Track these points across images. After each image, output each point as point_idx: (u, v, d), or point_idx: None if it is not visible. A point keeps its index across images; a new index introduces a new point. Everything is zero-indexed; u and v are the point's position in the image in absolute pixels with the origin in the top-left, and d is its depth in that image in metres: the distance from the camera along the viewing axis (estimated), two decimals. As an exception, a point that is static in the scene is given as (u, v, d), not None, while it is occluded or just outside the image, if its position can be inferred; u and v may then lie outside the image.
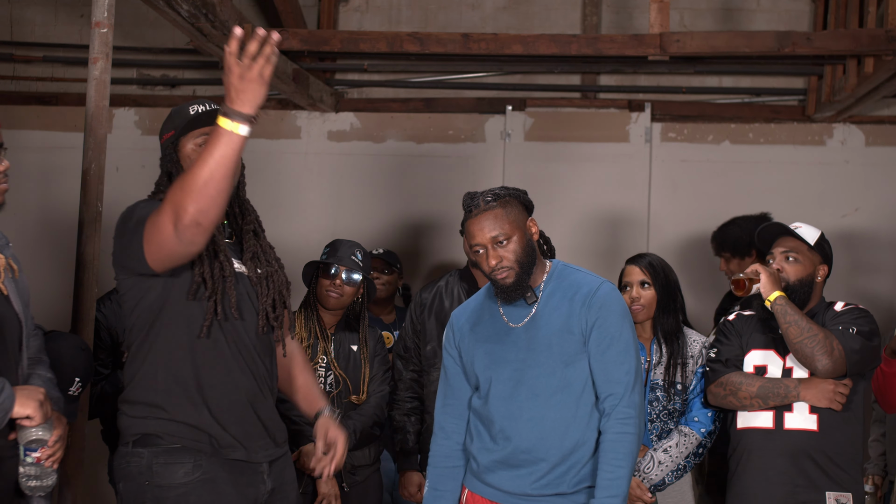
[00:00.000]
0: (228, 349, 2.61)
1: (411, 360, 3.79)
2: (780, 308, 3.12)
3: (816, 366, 3.06)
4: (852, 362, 3.07)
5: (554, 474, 2.68)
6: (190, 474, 2.53)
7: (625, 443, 2.64)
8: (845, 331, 3.09)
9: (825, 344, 3.04)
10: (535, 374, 2.70)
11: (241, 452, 2.60)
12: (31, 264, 5.71)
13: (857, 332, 3.09)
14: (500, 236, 2.70)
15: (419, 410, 3.77)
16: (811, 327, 3.07)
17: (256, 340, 2.68)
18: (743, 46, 4.60)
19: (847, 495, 3.10)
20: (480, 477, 2.77)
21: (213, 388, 2.58)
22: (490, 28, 5.81)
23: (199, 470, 2.53)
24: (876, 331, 3.17)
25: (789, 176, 5.64)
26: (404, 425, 3.76)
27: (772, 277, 3.17)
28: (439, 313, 3.72)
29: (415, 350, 3.78)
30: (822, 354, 3.04)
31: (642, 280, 3.48)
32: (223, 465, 2.56)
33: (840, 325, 3.12)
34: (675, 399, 3.37)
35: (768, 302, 3.14)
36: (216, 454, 2.56)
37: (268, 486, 2.66)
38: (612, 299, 2.73)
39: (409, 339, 3.80)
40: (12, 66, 6.05)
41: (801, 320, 3.08)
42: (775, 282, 3.16)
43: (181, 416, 2.56)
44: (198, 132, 2.72)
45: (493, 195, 2.74)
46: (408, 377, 3.78)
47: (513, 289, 2.72)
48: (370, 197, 5.82)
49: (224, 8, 4.25)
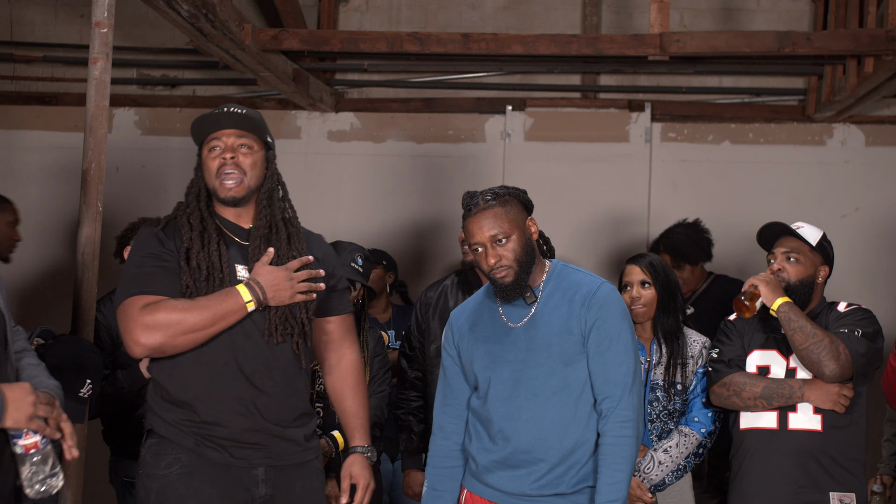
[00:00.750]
0: (219, 358, 2.64)
1: (416, 360, 3.79)
2: (784, 315, 3.11)
3: (824, 371, 3.05)
4: (859, 365, 3.07)
5: (553, 474, 2.67)
6: (170, 466, 2.62)
7: (623, 446, 2.64)
8: (850, 334, 3.08)
9: (831, 349, 3.03)
10: (535, 374, 2.70)
11: (221, 455, 2.63)
12: (31, 264, 5.74)
13: (861, 335, 3.08)
14: (499, 235, 2.69)
15: (424, 409, 3.76)
16: (816, 332, 3.06)
17: (259, 349, 2.67)
18: (743, 46, 4.60)
19: (850, 496, 3.10)
20: (479, 477, 2.77)
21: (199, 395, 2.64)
22: (490, 28, 5.81)
23: (178, 463, 2.62)
24: (879, 332, 3.16)
25: (789, 176, 5.64)
26: (409, 424, 3.75)
27: (770, 285, 3.15)
28: (443, 312, 3.71)
29: (420, 349, 3.78)
30: (829, 360, 3.03)
31: (643, 280, 3.48)
32: (206, 463, 2.62)
33: (844, 327, 3.11)
34: (675, 399, 3.37)
35: (773, 310, 3.13)
36: (197, 452, 2.63)
37: (262, 491, 2.67)
38: (612, 300, 2.73)
39: (414, 339, 3.80)
40: (12, 66, 6.05)
41: (806, 325, 3.07)
42: (775, 288, 3.15)
43: (169, 416, 2.65)
44: (210, 139, 2.74)
45: (493, 194, 2.74)
46: (412, 376, 3.78)
47: (511, 288, 2.72)
48: (370, 197, 5.82)
49: (224, 8, 4.25)
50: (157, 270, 2.62)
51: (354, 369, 2.97)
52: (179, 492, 2.61)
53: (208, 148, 2.73)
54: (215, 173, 2.71)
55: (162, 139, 5.86)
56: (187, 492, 2.61)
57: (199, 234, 2.68)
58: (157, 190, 5.67)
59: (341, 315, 2.96)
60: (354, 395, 2.95)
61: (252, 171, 2.74)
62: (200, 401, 2.63)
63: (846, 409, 3.11)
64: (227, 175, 2.70)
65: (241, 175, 2.71)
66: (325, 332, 2.94)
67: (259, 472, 2.67)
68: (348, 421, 2.94)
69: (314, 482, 2.80)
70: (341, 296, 2.96)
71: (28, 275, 5.73)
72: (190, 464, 2.62)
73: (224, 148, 2.72)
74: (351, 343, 2.99)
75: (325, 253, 2.92)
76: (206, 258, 2.65)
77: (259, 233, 2.75)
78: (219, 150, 2.72)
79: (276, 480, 2.69)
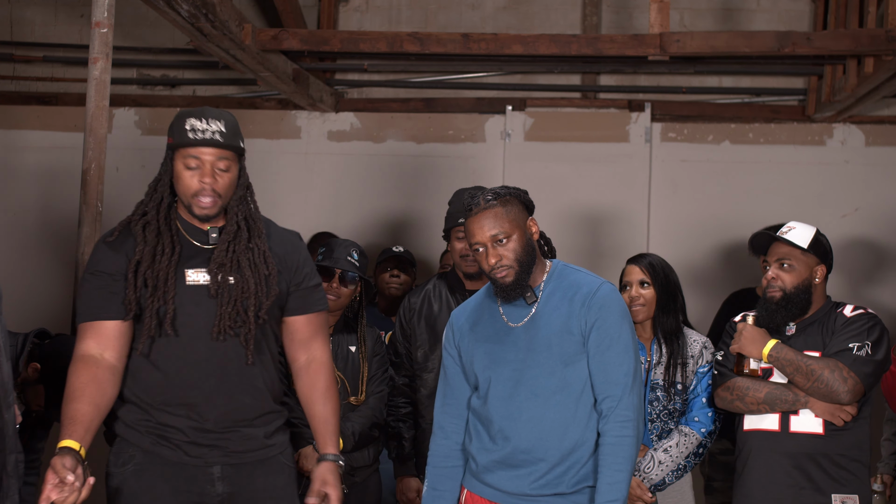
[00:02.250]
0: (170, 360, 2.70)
1: (403, 366, 3.78)
2: (776, 362, 3.11)
3: (840, 399, 3.05)
4: (868, 385, 3.08)
5: (553, 474, 2.67)
6: (125, 464, 2.72)
7: (624, 446, 2.63)
8: (857, 356, 3.05)
9: (836, 377, 3.03)
10: (535, 374, 2.70)
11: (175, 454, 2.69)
12: (31, 264, 5.74)
13: (867, 353, 3.06)
14: (499, 235, 2.69)
15: (413, 416, 3.76)
16: (813, 368, 3.05)
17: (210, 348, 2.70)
18: (743, 46, 4.60)
19: (853, 497, 3.09)
20: (479, 477, 2.77)
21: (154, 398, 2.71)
22: (490, 28, 5.82)
23: (133, 461, 2.70)
24: (886, 336, 3.12)
25: (789, 176, 5.64)
26: (399, 431, 3.75)
27: (747, 341, 3.15)
28: (428, 317, 3.71)
29: (406, 355, 3.77)
30: (839, 389, 3.03)
31: (642, 280, 3.48)
32: (160, 461, 2.70)
33: (851, 342, 3.08)
34: (675, 399, 3.37)
35: (766, 362, 3.13)
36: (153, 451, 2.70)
37: (219, 489, 2.71)
38: (612, 300, 2.72)
39: (399, 345, 3.79)
40: (12, 66, 6.05)
41: (801, 364, 3.07)
42: (754, 340, 3.15)
43: (128, 417, 2.74)
44: (187, 152, 2.73)
45: (494, 194, 2.73)
46: (400, 382, 3.76)
47: (512, 288, 2.72)
48: (370, 197, 5.82)
49: (224, 8, 4.25)
50: (97, 293, 2.69)
51: (323, 372, 2.90)
52: (132, 488, 2.68)
53: (184, 162, 2.72)
54: (192, 193, 2.72)
55: (162, 139, 5.71)
56: (139, 487, 2.68)
57: (150, 249, 2.70)
58: (157, 190, 5.67)
59: (307, 314, 2.89)
60: (325, 399, 2.88)
61: (227, 191, 2.75)
62: (155, 404, 2.70)
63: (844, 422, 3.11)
64: (204, 195, 2.71)
65: (216, 198, 2.72)
66: (291, 331, 2.90)
67: (215, 470, 2.71)
68: (318, 427, 2.88)
69: (279, 478, 2.80)
70: (308, 294, 2.90)
71: (28, 275, 5.73)
72: (144, 461, 2.69)
73: (204, 171, 2.70)
74: (321, 344, 2.93)
75: (287, 249, 2.88)
76: (152, 275, 2.68)
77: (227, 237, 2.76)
78: (198, 170, 2.71)
79: (234, 478, 2.72)
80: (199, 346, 2.70)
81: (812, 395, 3.07)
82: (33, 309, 5.55)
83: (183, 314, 2.69)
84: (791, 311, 3.17)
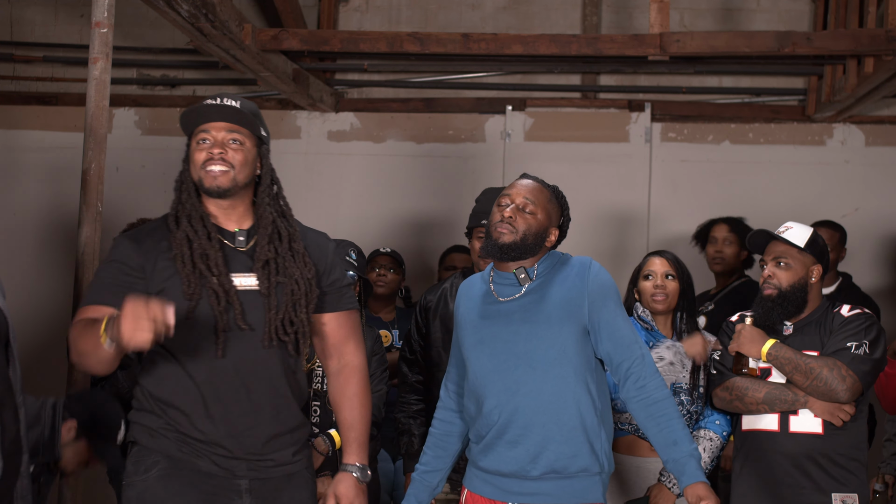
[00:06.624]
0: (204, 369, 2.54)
1: (417, 363, 3.78)
2: (775, 361, 3.12)
3: (839, 398, 3.05)
4: (867, 383, 3.09)
5: (551, 452, 2.67)
6: (149, 470, 2.54)
7: (670, 399, 2.71)
8: (855, 354, 3.06)
9: (834, 375, 3.03)
10: (530, 347, 2.71)
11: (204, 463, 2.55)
12: (31, 264, 5.74)
13: (865, 352, 3.07)
14: (528, 204, 2.78)
15: (425, 413, 3.75)
16: (811, 366, 3.05)
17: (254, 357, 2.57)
18: (743, 46, 4.60)
19: (853, 496, 3.09)
20: (477, 463, 2.77)
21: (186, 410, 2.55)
22: (490, 28, 5.82)
23: (157, 466, 2.54)
24: (882, 335, 3.13)
25: (789, 176, 5.64)
26: (409, 427, 3.73)
27: (746, 339, 3.15)
28: (444, 316, 3.70)
29: (420, 353, 3.77)
30: (837, 387, 3.03)
31: (667, 272, 3.46)
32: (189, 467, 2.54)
33: (849, 341, 3.08)
34: (697, 402, 3.37)
35: (764, 361, 3.14)
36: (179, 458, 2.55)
37: (245, 502, 2.57)
38: (606, 275, 2.81)
39: (414, 342, 3.78)
40: (12, 66, 6.05)
41: (799, 363, 3.07)
42: (752, 339, 3.15)
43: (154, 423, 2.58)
44: (198, 130, 2.62)
45: (552, 186, 2.89)
46: (413, 380, 3.76)
47: (502, 248, 2.75)
48: (370, 197, 5.82)
49: (224, 8, 4.25)
50: (110, 281, 2.54)
51: (355, 377, 2.79)
52: (159, 495, 2.52)
53: (196, 140, 2.60)
54: (200, 164, 2.58)
55: (162, 139, 5.86)
56: (166, 493, 2.52)
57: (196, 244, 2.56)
58: (157, 190, 5.65)
59: (337, 312, 2.76)
60: (352, 405, 2.77)
61: (241, 168, 2.59)
62: (184, 412, 2.55)
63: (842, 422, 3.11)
64: (213, 163, 2.56)
65: (228, 168, 2.57)
66: (324, 333, 2.78)
67: (243, 483, 2.58)
68: (343, 433, 2.79)
69: (303, 493, 2.69)
70: (340, 293, 2.78)
71: (28, 275, 5.73)
72: (169, 467, 2.54)
73: (213, 142, 2.58)
74: (353, 347, 2.80)
75: (321, 250, 2.76)
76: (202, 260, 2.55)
77: (266, 232, 2.63)
78: (208, 143, 2.58)
79: (261, 492, 2.60)
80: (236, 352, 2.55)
81: (811, 393, 3.08)
82: (33, 309, 5.56)
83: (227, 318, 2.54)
84: (787, 309, 3.18)
